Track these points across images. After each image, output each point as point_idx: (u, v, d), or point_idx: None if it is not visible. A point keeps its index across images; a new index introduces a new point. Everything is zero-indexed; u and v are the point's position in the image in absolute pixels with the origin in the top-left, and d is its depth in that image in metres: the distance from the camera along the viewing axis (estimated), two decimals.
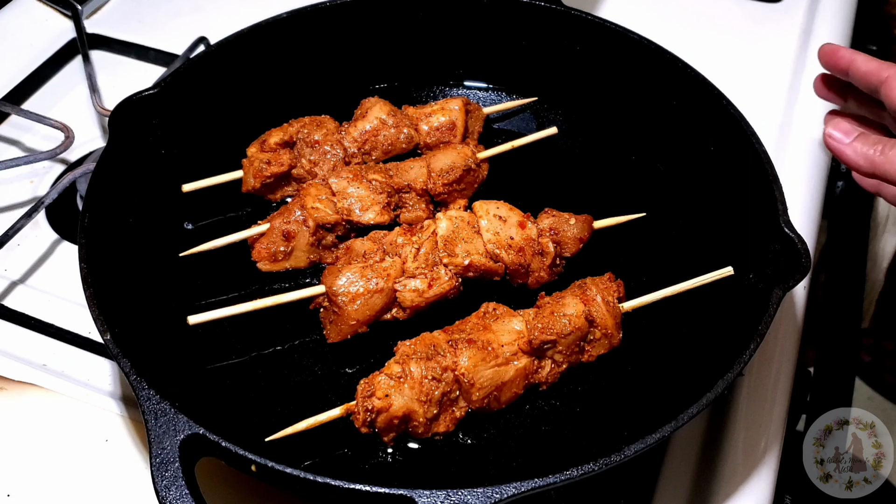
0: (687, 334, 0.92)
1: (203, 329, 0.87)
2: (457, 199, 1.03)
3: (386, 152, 1.06)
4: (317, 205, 0.95)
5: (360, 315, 0.88)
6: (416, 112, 1.09)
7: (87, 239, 0.85)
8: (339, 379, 0.90)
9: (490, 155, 1.06)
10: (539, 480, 0.68)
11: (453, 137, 1.08)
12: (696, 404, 0.74)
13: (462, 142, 1.07)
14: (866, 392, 2.08)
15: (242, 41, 1.07)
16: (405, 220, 0.99)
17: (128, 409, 0.92)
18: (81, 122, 1.21)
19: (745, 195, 0.93)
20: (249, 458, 0.69)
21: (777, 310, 0.81)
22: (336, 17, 1.12)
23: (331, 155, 1.03)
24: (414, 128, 1.07)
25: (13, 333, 0.99)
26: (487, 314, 0.88)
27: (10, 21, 1.38)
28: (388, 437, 0.82)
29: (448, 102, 1.09)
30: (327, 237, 0.97)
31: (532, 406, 0.88)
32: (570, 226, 0.96)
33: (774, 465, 0.91)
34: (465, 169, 1.01)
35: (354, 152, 1.04)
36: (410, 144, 1.07)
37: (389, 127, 1.06)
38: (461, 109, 1.08)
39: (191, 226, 1.02)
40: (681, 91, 1.04)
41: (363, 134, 1.05)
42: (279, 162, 1.00)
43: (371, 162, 1.05)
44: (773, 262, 0.84)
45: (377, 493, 0.67)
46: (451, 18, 1.14)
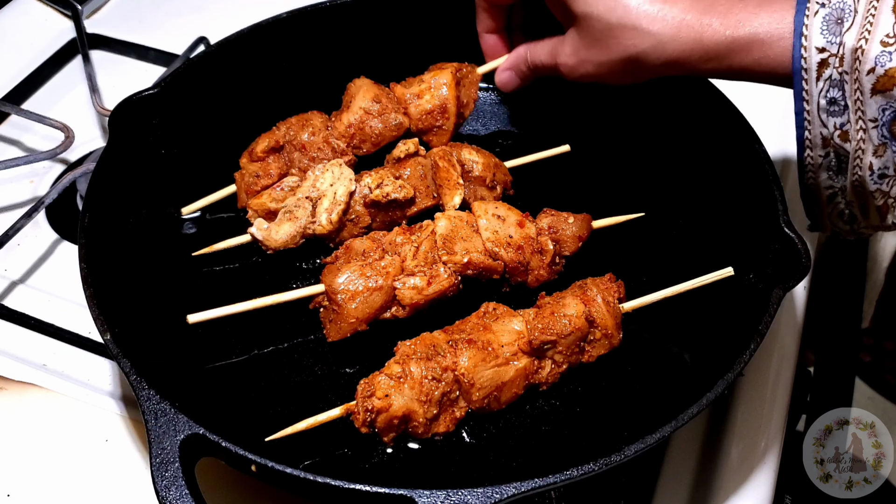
0: (687, 334, 0.92)
1: (203, 328, 0.87)
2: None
3: (376, 144, 1.04)
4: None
5: (360, 313, 0.88)
6: (403, 92, 1.06)
7: (87, 239, 0.85)
8: (339, 379, 0.90)
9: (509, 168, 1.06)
10: (539, 480, 0.68)
11: (446, 121, 1.05)
12: (696, 404, 0.74)
13: (455, 121, 1.05)
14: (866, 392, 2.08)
15: (242, 41, 1.07)
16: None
17: (128, 409, 0.92)
18: (81, 122, 1.21)
19: (745, 195, 0.93)
20: (249, 458, 0.69)
21: (777, 310, 0.81)
22: (336, 17, 1.12)
23: (320, 157, 1.02)
24: (403, 111, 1.05)
25: (13, 333, 0.99)
26: (487, 314, 0.88)
27: (10, 21, 1.38)
28: (388, 437, 0.82)
29: (437, 76, 1.05)
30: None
31: (532, 406, 0.88)
32: (569, 224, 0.96)
33: (774, 465, 0.91)
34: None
35: (344, 149, 1.03)
36: (401, 131, 1.05)
37: (375, 116, 1.03)
38: (451, 85, 1.05)
39: (191, 225, 1.02)
40: (681, 91, 1.04)
41: (349, 128, 1.03)
42: (268, 173, 0.99)
43: (362, 153, 1.04)
44: (773, 262, 0.84)
45: (377, 493, 0.67)
46: (451, 18, 1.14)
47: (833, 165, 0.82)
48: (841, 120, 0.79)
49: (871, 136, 0.78)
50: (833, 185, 0.84)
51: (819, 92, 0.79)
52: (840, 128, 0.80)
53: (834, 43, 0.77)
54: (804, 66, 0.79)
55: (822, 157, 0.83)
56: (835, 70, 0.78)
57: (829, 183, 0.84)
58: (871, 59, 0.75)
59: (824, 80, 0.79)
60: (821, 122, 0.81)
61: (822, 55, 0.78)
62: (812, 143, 0.82)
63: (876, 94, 0.76)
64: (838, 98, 0.78)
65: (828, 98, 0.79)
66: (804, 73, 0.80)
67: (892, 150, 0.77)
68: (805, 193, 0.87)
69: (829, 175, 0.83)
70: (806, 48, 0.79)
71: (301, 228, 0.95)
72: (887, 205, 0.80)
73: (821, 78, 0.79)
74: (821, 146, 0.82)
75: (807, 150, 0.83)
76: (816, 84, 0.79)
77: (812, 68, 0.79)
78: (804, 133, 0.83)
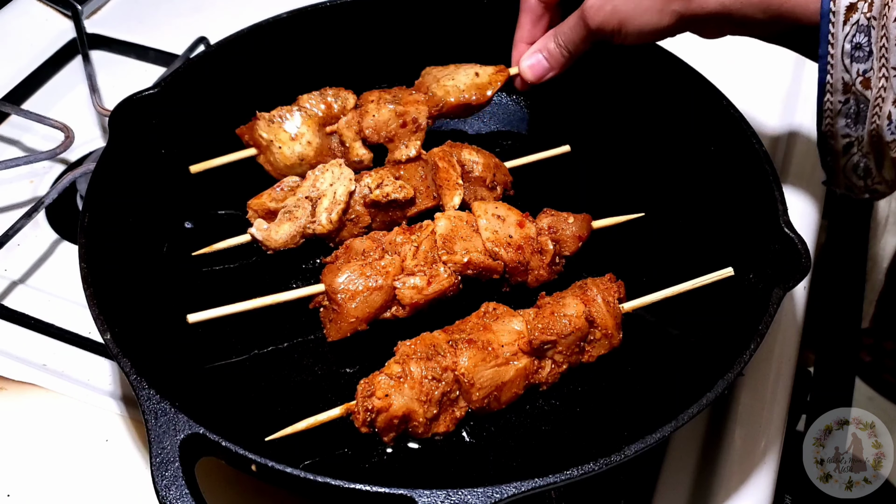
0: (687, 334, 0.92)
1: (203, 328, 0.87)
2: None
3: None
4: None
5: (360, 313, 0.88)
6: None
7: (87, 239, 0.85)
8: (339, 379, 0.90)
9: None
10: (539, 480, 0.68)
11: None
12: (696, 404, 0.75)
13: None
14: (866, 392, 2.08)
15: (242, 41, 1.07)
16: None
17: (128, 409, 0.92)
18: (81, 122, 1.21)
19: (745, 195, 0.93)
20: (249, 457, 0.69)
21: (777, 310, 0.81)
22: (336, 17, 1.12)
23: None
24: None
25: (13, 333, 0.99)
26: (487, 314, 0.88)
27: (10, 21, 1.38)
28: (388, 437, 0.82)
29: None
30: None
31: (532, 406, 0.88)
32: (569, 224, 0.96)
33: (774, 465, 0.91)
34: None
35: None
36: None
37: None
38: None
39: (191, 225, 1.02)
40: (681, 91, 1.04)
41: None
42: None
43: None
44: (773, 262, 0.84)
45: (377, 492, 0.67)
46: (451, 17, 1.14)
47: (852, 113, 0.81)
48: (864, 66, 0.79)
49: (893, 84, 0.77)
50: (850, 135, 0.83)
51: (845, 36, 0.79)
52: (863, 74, 0.79)
53: None
54: (832, 9, 0.79)
55: (842, 102, 0.82)
56: (863, 15, 0.77)
57: (846, 131, 0.83)
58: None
59: (851, 24, 0.78)
60: (844, 67, 0.80)
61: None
62: (833, 87, 0.81)
63: None
64: (864, 43, 0.78)
65: (853, 43, 0.78)
66: (832, 15, 0.79)
67: None
68: (822, 142, 0.86)
69: (846, 122, 0.82)
70: None
71: (301, 228, 0.95)
72: None
73: (848, 22, 0.78)
74: (841, 91, 0.81)
75: (827, 95, 0.82)
76: (843, 28, 0.78)
77: (840, 11, 0.78)
78: (826, 77, 0.82)
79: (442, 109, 1.05)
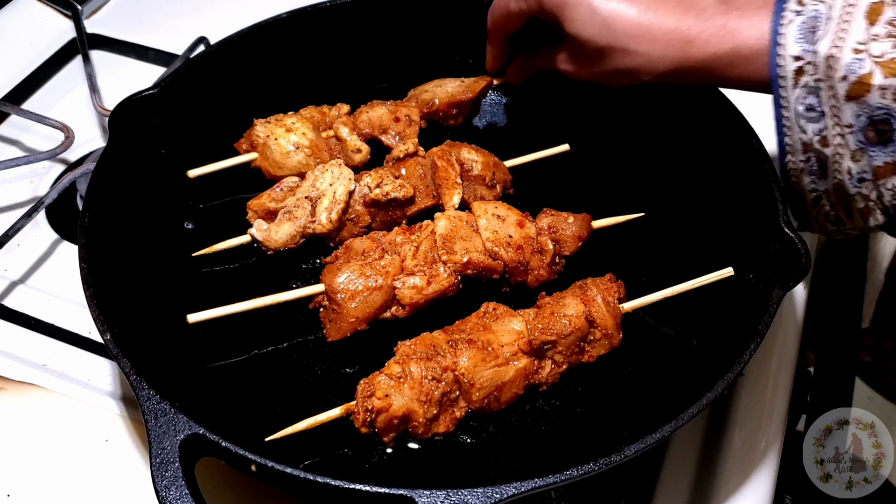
0: (687, 334, 0.92)
1: (203, 328, 0.87)
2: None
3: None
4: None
5: (360, 313, 0.88)
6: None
7: (87, 239, 0.85)
8: (339, 379, 0.90)
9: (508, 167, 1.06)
10: (539, 480, 0.68)
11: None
12: (696, 404, 0.75)
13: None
14: (866, 392, 2.08)
15: (242, 41, 1.07)
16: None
17: (128, 409, 0.92)
18: (81, 122, 1.21)
19: (745, 195, 0.93)
20: (249, 458, 0.69)
21: (777, 310, 0.81)
22: (336, 17, 1.12)
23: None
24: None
25: (13, 333, 0.99)
26: (487, 314, 0.88)
27: (10, 21, 1.38)
28: (388, 437, 0.82)
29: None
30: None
31: (532, 406, 0.88)
32: (569, 224, 0.96)
33: (774, 465, 0.91)
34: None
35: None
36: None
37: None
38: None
39: (191, 225, 1.02)
40: (681, 90, 1.04)
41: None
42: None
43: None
44: (773, 262, 0.84)
45: (377, 493, 0.67)
46: (451, 17, 1.14)
47: (815, 170, 0.83)
48: (819, 126, 0.80)
49: (848, 141, 0.78)
50: (817, 189, 0.84)
51: (796, 98, 0.80)
52: (819, 133, 0.80)
53: (809, 51, 0.78)
54: (781, 74, 0.80)
55: (804, 161, 0.83)
56: (811, 77, 0.79)
57: (812, 186, 0.84)
58: (844, 66, 0.76)
59: (801, 87, 0.79)
60: (800, 128, 0.81)
61: (798, 63, 0.79)
62: (793, 148, 0.83)
63: (850, 100, 0.76)
64: (815, 105, 0.79)
65: (805, 104, 0.80)
66: (781, 80, 0.80)
67: (868, 155, 0.78)
68: (790, 196, 0.88)
69: (811, 179, 0.84)
70: (782, 56, 0.80)
71: (301, 228, 0.95)
72: (868, 208, 0.80)
73: (798, 85, 0.80)
74: (801, 151, 0.83)
75: (788, 156, 0.84)
76: (793, 91, 0.80)
77: (789, 76, 0.80)
78: (784, 139, 0.83)
79: (432, 108, 1.07)
